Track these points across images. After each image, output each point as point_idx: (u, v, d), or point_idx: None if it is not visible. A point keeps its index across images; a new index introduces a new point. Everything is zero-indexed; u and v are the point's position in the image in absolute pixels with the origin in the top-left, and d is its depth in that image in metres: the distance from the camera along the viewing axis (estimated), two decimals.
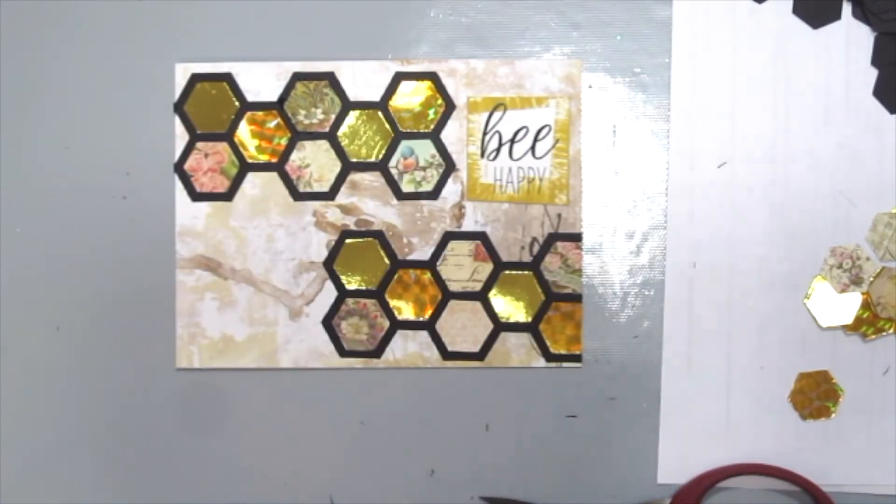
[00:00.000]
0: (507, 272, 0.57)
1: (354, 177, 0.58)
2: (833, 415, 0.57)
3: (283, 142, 0.58)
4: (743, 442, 0.57)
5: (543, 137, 0.57)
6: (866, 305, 0.56)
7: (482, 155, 0.57)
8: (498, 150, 0.57)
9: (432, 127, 0.57)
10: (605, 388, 0.57)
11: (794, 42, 0.57)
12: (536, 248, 0.57)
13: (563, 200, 0.57)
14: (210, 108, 0.58)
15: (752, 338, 0.57)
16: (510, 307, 0.57)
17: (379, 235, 0.58)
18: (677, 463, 0.57)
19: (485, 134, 0.57)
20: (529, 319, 0.57)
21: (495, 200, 0.57)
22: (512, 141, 0.57)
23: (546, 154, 0.57)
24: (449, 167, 0.57)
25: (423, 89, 0.57)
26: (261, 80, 0.58)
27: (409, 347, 0.58)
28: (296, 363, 0.58)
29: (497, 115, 0.57)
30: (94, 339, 0.58)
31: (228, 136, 0.58)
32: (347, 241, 0.58)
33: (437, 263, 0.58)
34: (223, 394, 0.58)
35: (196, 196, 0.58)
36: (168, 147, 0.58)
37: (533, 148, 0.57)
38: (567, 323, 0.57)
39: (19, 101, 0.59)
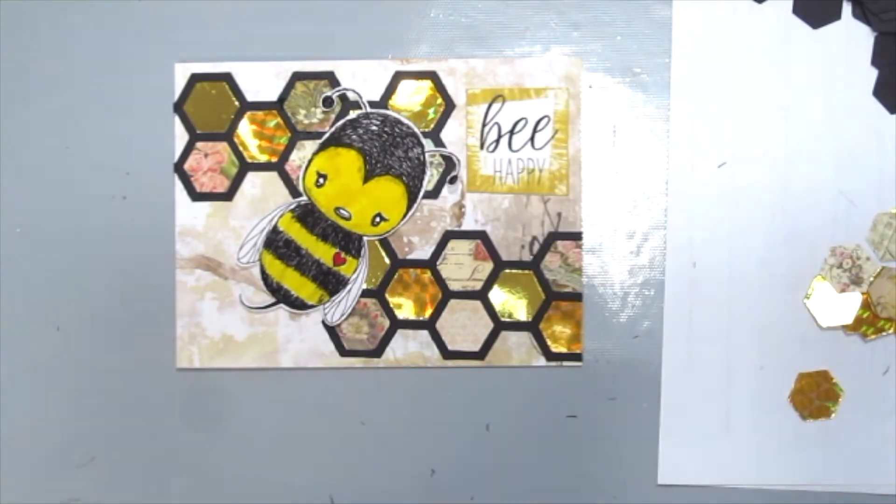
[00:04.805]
0: (508, 271, 0.57)
1: None
2: (833, 415, 0.57)
3: (283, 141, 0.58)
4: (743, 442, 0.57)
5: (542, 128, 0.57)
6: (866, 305, 0.56)
7: (481, 146, 0.57)
8: (497, 141, 0.57)
9: (432, 126, 0.57)
10: (605, 388, 0.57)
11: (794, 42, 0.57)
12: (536, 247, 0.57)
13: (563, 191, 0.57)
14: (210, 107, 0.58)
15: (752, 338, 0.57)
16: (510, 306, 0.57)
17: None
18: (677, 463, 0.57)
19: (484, 125, 0.57)
20: (530, 318, 0.57)
21: (495, 192, 0.57)
22: (511, 132, 0.57)
23: (545, 145, 0.57)
24: (449, 166, 0.57)
25: (424, 89, 0.58)
26: (261, 80, 0.58)
27: (409, 347, 0.58)
28: (296, 363, 0.58)
29: (496, 106, 0.57)
30: (94, 339, 0.58)
31: (228, 136, 0.58)
32: None
33: (438, 262, 0.58)
34: (223, 394, 0.58)
35: (196, 196, 0.58)
36: (168, 147, 0.58)
37: (532, 139, 0.57)
38: (567, 322, 0.57)
39: (19, 101, 0.59)
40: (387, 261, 0.58)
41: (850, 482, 0.57)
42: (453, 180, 0.57)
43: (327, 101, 0.58)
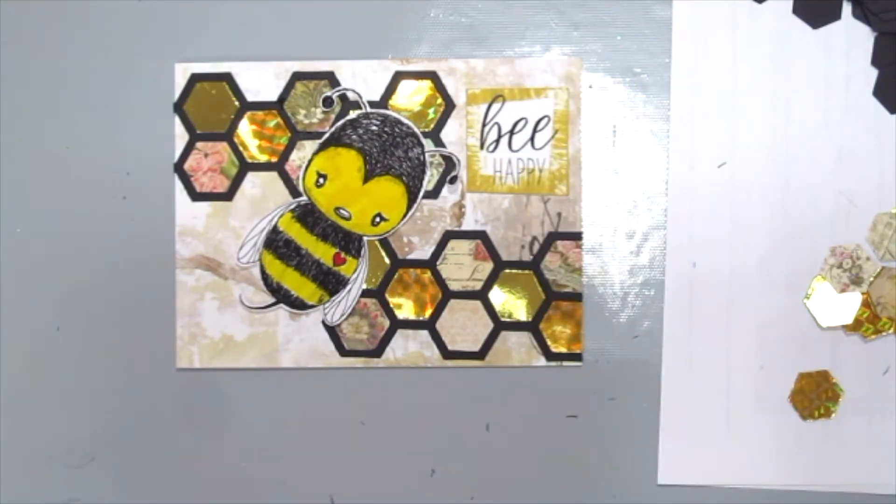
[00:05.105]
0: (508, 271, 0.57)
1: None
2: (833, 415, 0.57)
3: (283, 141, 0.58)
4: (743, 442, 0.57)
5: (542, 128, 0.57)
6: (866, 305, 0.56)
7: (481, 146, 0.57)
8: (497, 141, 0.57)
9: (432, 126, 0.57)
10: (605, 388, 0.57)
11: (794, 42, 0.57)
12: (536, 247, 0.57)
13: (563, 191, 0.57)
14: (210, 107, 0.58)
15: (752, 338, 0.57)
16: (510, 306, 0.57)
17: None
18: (677, 463, 0.57)
19: (484, 125, 0.57)
20: (530, 318, 0.57)
21: (495, 192, 0.57)
22: (511, 132, 0.57)
23: (545, 145, 0.57)
24: (449, 166, 0.57)
25: (423, 89, 0.58)
26: (261, 80, 0.58)
27: (409, 347, 0.58)
28: (296, 363, 0.58)
29: (496, 106, 0.57)
30: (94, 339, 0.58)
31: (228, 136, 0.58)
32: None
33: (438, 262, 0.58)
34: (223, 394, 0.58)
35: (196, 196, 0.58)
36: (168, 147, 0.58)
37: (532, 139, 0.57)
38: (567, 322, 0.57)
39: (19, 101, 0.59)
40: (387, 261, 0.58)
41: (850, 482, 0.57)
42: (453, 180, 0.57)
43: (327, 101, 0.58)
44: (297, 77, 0.58)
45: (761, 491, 0.57)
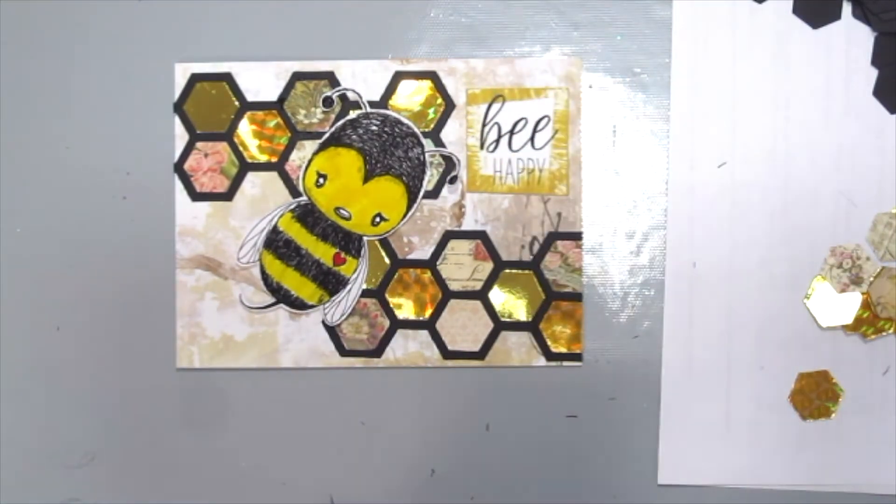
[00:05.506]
0: (508, 271, 0.57)
1: None
2: (833, 415, 0.57)
3: (283, 141, 0.58)
4: (743, 442, 0.57)
5: (542, 128, 0.57)
6: (866, 305, 0.56)
7: (481, 146, 0.57)
8: (497, 141, 0.57)
9: (432, 126, 0.57)
10: (605, 388, 0.57)
11: (794, 42, 0.57)
12: (536, 247, 0.57)
13: (563, 191, 0.57)
14: (210, 107, 0.58)
15: (752, 338, 0.57)
16: (510, 306, 0.57)
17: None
18: (677, 463, 0.57)
19: (484, 125, 0.57)
20: (530, 318, 0.57)
21: (495, 192, 0.57)
22: (511, 132, 0.57)
23: (545, 145, 0.57)
24: (449, 166, 0.57)
25: (424, 89, 0.58)
26: (261, 80, 0.58)
27: (409, 347, 0.58)
28: (296, 363, 0.58)
29: (496, 106, 0.57)
30: (94, 339, 0.58)
31: (228, 136, 0.58)
32: None
33: (438, 263, 0.58)
34: (223, 394, 0.58)
35: (196, 196, 0.58)
36: (168, 147, 0.58)
37: (532, 139, 0.57)
38: (567, 322, 0.57)
39: (19, 101, 0.59)
40: (387, 261, 0.58)
41: (850, 482, 0.57)
42: (453, 180, 0.57)
43: (327, 101, 0.58)
44: (297, 77, 0.58)
45: (761, 491, 0.57)
